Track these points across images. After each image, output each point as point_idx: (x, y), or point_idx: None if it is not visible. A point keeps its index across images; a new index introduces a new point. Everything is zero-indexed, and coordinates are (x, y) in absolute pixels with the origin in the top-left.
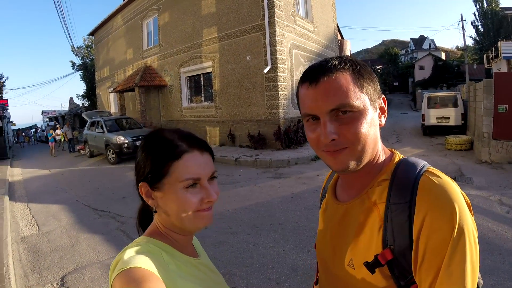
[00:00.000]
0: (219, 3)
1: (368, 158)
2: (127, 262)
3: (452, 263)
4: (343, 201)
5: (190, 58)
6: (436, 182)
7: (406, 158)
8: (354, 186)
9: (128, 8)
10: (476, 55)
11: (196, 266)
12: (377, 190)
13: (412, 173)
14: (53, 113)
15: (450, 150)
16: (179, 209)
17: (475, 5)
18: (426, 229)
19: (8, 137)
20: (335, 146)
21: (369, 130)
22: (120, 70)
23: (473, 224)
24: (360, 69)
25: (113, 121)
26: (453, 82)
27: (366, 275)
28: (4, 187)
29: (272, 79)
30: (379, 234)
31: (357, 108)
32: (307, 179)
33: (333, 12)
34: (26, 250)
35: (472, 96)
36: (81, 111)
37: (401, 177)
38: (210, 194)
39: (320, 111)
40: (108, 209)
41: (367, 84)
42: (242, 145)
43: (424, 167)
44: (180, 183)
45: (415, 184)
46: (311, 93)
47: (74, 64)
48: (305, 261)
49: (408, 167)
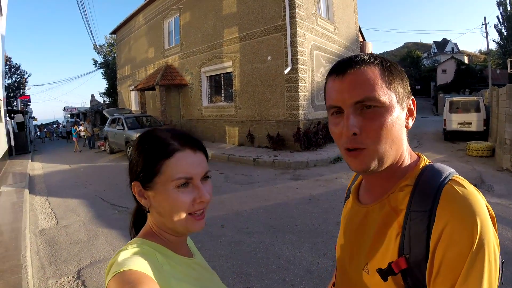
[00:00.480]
0: (240, 3)
1: (391, 160)
2: (121, 264)
3: (468, 280)
4: (365, 204)
5: (210, 58)
6: (460, 192)
7: (432, 164)
8: (376, 189)
9: (150, 8)
10: (500, 60)
11: (191, 265)
12: (399, 196)
13: (436, 181)
14: (75, 109)
15: (471, 156)
16: (171, 209)
17: (498, 8)
18: (444, 241)
19: (30, 132)
20: (356, 143)
21: (394, 129)
22: (141, 68)
23: (495, 240)
24: (390, 66)
25: (133, 119)
26: (476, 87)
27: (379, 282)
28: (24, 180)
29: (293, 80)
30: (396, 242)
31: (383, 104)
32: (326, 182)
33: (355, 13)
34: (44, 242)
35: (494, 101)
36: (102, 108)
37: (424, 184)
38: (202, 193)
39: (345, 103)
40: (126, 205)
41: (396, 81)
42: (261, 146)
43: (450, 175)
44: (172, 182)
45: (438, 192)
46: (337, 85)
47: (96, 62)
48: (321, 264)
49: (433, 174)
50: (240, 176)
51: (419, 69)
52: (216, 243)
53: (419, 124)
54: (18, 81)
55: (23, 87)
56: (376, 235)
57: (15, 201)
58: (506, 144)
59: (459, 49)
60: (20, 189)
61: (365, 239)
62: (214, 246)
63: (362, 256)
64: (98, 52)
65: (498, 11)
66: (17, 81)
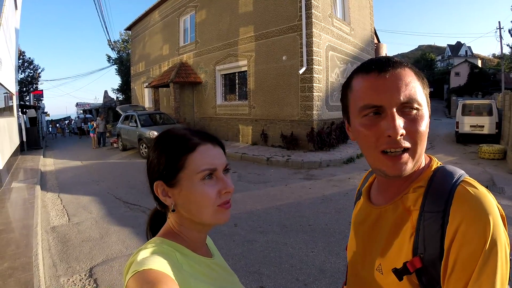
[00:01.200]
0: (256, 2)
1: (419, 162)
2: (141, 263)
3: (481, 277)
4: (378, 205)
5: (225, 56)
6: (472, 193)
7: (443, 166)
8: (390, 190)
9: (166, 4)
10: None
11: (210, 266)
12: (412, 197)
13: (449, 182)
14: (87, 105)
15: (483, 159)
16: (199, 202)
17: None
18: (458, 240)
19: (42, 128)
20: (397, 144)
21: (427, 134)
22: (156, 65)
23: (506, 238)
24: (418, 71)
25: (147, 116)
26: (489, 90)
27: (393, 282)
28: (36, 176)
29: (307, 80)
30: (410, 242)
31: (423, 107)
32: (339, 182)
33: (370, 15)
34: (55, 240)
35: (507, 105)
36: (115, 104)
37: (437, 185)
38: (227, 184)
39: (389, 102)
40: (139, 203)
41: (426, 88)
42: (274, 145)
43: (461, 176)
44: (197, 174)
45: (451, 193)
46: (379, 83)
47: (110, 58)
48: (333, 263)
49: (445, 176)
50: (253, 175)
51: (432, 71)
52: (229, 242)
53: (432, 126)
54: (31, 76)
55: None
56: (389, 235)
57: (27, 197)
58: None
59: (472, 53)
60: (32, 185)
61: (378, 240)
62: (227, 245)
63: (375, 257)
64: (112, 48)
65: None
66: (30, 76)
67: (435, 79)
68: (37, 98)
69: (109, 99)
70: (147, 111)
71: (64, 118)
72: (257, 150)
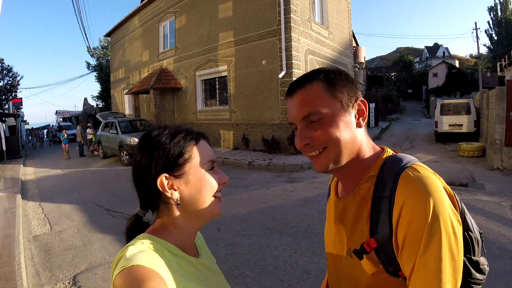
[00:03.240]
0: (236, 8)
1: (346, 158)
2: (129, 259)
3: (427, 252)
4: (342, 198)
5: (206, 62)
6: (413, 176)
7: (394, 155)
8: (347, 183)
9: (146, 10)
10: (490, 63)
11: (196, 266)
12: (366, 186)
13: (395, 169)
14: (67, 113)
15: (463, 157)
16: (205, 192)
17: (489, 14)
18: (403, 219)
19: (21, 136)
20: (311, 149)
21: (342, 132)
22: (136, 71)
23: (453, 214)
24: (334, 77)
25: (127, 123)
26: (467, 90)
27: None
28: (17, 185)
29: (287, 84)
30: (367, 225)
31: (325, 115)
32: (320, 184)
33: (348, 18)
34: (38, 248)
35: (485, 103)
36: (95, 112)
37: (385, 173)
38: (223, 176)
39: (295, 119)
40: (121, 210)
41: (339, 91)
42: (256, 149)
43: (409, 162)
44: (204, 165)
45: (396, 178)
46: (289, 104)
47: (89, 65)
48: (317, 263)
49: (393, 163)
50: (236, 179)
51: (411, 73)
52: (213, 246)
53: (412, 126)
54: (10, 84)
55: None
56: (353, 222)
57: (8, 206)
58: (496, 144)
59: (450, 54)
60: (13, 195)
61: (346, 228)
62: (210, 249)
63: (345, 243)
64: (91, 55)
65: (488, 16)
66: (8, 84)
67: (414, 80)
68: (16, 106)
69: (89, 106)
70: (128, 118)
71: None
72: (239, 155)
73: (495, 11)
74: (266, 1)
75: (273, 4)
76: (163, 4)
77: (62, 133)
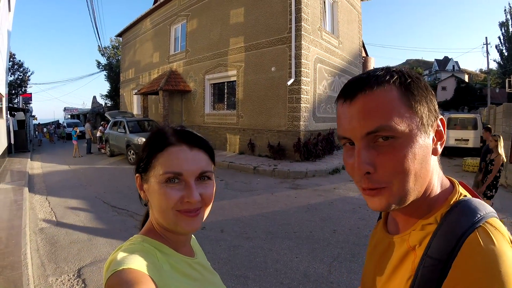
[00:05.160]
0: (247, 14)
1: (414, 196)
2: (120, 263)
3: None
4: (390, 232)
5: (215, 66)
6: (484, 248)
7: (465, 201)
8: (398, 221)
9: (158, 12)
10: (499, 79)
11: (191, 265)
12: (419, 235)
13: (463, 225)
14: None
15: (467, 172)
16: (159, 204)
17: (500, 29)
18: None
19: (30, 131)
20: (370, 183)
21: (417, 162)
22: (145, 72)
23: None
24: (410, 82)
25: (135, 123)
26: (475, 105)
27: None
28: (24, 179)
29: (295, 92)
30: (407, 285)
31: (402, 133)
32: (324, 192)
33: (359, 28)
34: (44, 241)
35: (492, 119)
36: (104, 110)
37: (448, 226)
38: (191, 193)
39: (354, 134)
40: (126, 207)
41: (419, 102)
42: (261, 155)
43: (484, 218)
44: (161, 176)
45: (460, 241)
46: (346, 111)
47: (99, 64)
48: (317, 269)
49: (462, 215)
50: (240, 183)
51: None
52: (215, 247)
53: None
54: (20, 78)
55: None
56: (393, 269)
57: (15, 199)
58: None
59: (460, 68)
60: (20, 187)
61: (385, 271)
62: (213, 250)
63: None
64: (102, 54)
65: (499, 31)
66: (19, 78)
67: None
68: (26, 101)
69: (98, 104)
70: (136, 118)
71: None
72: (244, 159)
73: (506, 26)
74: (278, 9)
75: (284, 12)
76: (175, 7)
77: (74, 130)
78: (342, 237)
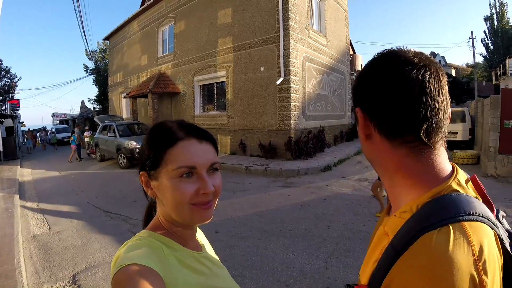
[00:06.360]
0: (235, 14)
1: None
2: (127, 258)
3: None
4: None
5: (204, 67)
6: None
7: (451, 195)
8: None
9: (145, 15)
10: (486, 72)
11: (199, 260)
12: (394, 221)
13: (430, 220)
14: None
15: (457, 164)
16: (174, 199)
17: (485, 24)
18: None
19: (18, 138)
20: None
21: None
22: (134, 75)
23: None
24: None
25: (125, 126)
26: (462, 99)
27: None
28: (14, 186)
29: (285, 91)
30: (372, 266)
31: None
32: (317, 189)
33: (346, 26)
34: (37, 248)
35: (479, 112)
36: (92, 115)
37: (417, 219)
38: (206, 184)
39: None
40: (119, 212)
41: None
42: (253, 155)
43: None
44: (174, 171)
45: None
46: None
47: (87, 68)
48: (313, 265)
49: (435, 209)
50: (233, 183)
51: None
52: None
53: None
54: (7, 85)
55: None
56: (370, 251)
57: (6, 206)
58: (490, 151)
59: (446, 62)
60: (10, 195)
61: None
62: None
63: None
64: (90, 58)
65: (485, 26)
66: (6, 85)
67: None
68: (14, 107)
69: (86, 109)
70: (126, 121)
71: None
72: (236, 160)
73: (491, 20)
74: (265, 9)
75: (272, 12)
76: (162, 9)
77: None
78: (337, 233)
